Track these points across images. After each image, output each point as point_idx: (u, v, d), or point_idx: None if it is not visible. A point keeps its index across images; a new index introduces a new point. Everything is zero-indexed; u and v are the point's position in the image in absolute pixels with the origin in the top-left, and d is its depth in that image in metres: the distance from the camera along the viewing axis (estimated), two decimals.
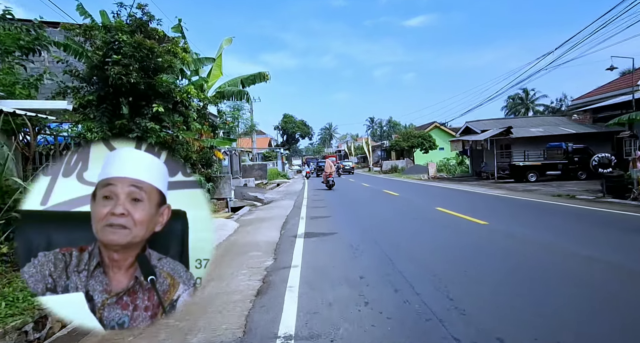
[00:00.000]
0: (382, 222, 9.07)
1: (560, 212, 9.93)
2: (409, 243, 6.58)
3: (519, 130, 24.18)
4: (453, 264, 5.08)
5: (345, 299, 3.87)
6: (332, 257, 5.81)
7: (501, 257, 5.46)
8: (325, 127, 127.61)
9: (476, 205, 11.93)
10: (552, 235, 6.88)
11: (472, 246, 6.21)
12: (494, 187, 18.67)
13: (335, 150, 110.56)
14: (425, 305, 3.59)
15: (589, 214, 9.24)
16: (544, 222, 8.49)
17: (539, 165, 20.52)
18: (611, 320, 3.24)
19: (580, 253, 5.39)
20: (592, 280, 4.30)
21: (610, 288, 3.99)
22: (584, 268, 4.78)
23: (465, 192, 16.95)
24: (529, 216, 9.57)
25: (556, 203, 11.49)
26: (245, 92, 12.65)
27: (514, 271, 4.74)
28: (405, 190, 19.12)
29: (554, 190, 15.42)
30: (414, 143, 40.32)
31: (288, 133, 72.26)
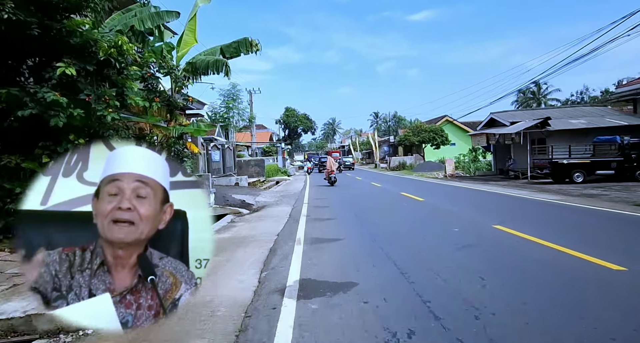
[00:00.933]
0: (421, 253, 5.68)
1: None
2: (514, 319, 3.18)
3: (556, 122, 20.65)
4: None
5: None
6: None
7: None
8: (329, 122, 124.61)
9: (548, 221, 8.51)
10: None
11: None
12: (536, 189, 15.22)
13: (338, 145, 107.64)
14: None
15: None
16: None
17: (588, 164, 16.97)
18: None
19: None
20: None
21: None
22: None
23: (506, 196, 13.50)
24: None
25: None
26: (223, 62, 9.24)
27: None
28: (428, 192, 15.72)
29: (624, 195, 11.95)
30: (425, 138, 36.80)
31: (290, 127, 68.58)
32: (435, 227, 8.11)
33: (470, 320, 3.26)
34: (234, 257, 5.90)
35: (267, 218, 9.97)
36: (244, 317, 3.56)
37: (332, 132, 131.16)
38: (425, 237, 7.10)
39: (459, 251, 5.70)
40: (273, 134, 59.41)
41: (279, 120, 68.28)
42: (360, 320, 3.36)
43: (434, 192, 16.08)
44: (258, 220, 9.83)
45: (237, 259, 5.73)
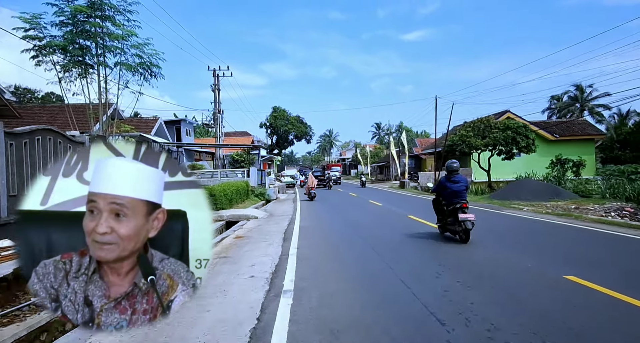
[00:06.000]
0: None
1: None
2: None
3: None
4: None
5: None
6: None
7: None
8: (325, 134, 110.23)
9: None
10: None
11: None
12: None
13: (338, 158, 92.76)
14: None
15: None
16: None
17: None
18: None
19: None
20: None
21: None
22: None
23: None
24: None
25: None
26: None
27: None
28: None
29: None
30: (498, 139, 21.49)
31: (279, 133, 52.87)
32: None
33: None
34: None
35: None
36: None
37: (329, 144, 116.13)
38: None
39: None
40: (255, 140, 43.71)
41: (265, 123, 52.51)
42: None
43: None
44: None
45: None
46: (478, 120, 23.12)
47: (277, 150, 55.38)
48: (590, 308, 3.90)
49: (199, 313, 3.96)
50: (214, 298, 4.43)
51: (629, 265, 5.74)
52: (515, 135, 21.37)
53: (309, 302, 4.28)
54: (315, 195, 21.51)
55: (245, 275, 5.57)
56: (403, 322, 3.65)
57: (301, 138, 54.06)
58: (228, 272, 5.77)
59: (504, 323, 3.51)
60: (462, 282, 4.88)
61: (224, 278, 5.35)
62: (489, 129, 22.13)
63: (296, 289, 4.78)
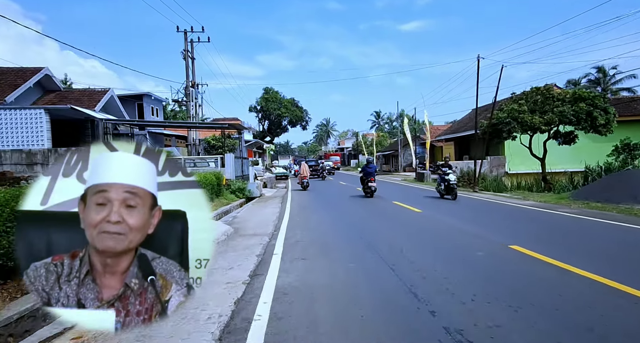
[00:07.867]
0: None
1: None
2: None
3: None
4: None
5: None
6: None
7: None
8: (322, 123, 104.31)
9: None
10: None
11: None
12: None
13: (336, 148, 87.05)
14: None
15: None
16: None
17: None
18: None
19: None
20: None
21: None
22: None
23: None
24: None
25: None
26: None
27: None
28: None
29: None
30: (566, 114, 15.51)
31: (270, 118, 46.61)
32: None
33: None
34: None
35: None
36: None
37: (325, 134, 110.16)
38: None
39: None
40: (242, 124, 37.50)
41: (255, 107, 46.10)
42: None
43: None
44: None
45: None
46: (533, 90, 17.12)
47: (270, 137, 49.22)
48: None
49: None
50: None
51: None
52: (592, 109, 15.36)
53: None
54: (308, 184, 20.93)
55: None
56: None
57: (296, 124, 47.82)
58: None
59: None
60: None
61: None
62: (550, 102, 16.15)
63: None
